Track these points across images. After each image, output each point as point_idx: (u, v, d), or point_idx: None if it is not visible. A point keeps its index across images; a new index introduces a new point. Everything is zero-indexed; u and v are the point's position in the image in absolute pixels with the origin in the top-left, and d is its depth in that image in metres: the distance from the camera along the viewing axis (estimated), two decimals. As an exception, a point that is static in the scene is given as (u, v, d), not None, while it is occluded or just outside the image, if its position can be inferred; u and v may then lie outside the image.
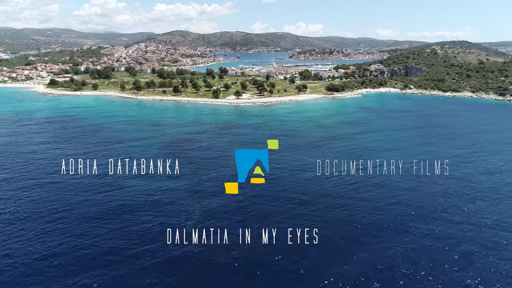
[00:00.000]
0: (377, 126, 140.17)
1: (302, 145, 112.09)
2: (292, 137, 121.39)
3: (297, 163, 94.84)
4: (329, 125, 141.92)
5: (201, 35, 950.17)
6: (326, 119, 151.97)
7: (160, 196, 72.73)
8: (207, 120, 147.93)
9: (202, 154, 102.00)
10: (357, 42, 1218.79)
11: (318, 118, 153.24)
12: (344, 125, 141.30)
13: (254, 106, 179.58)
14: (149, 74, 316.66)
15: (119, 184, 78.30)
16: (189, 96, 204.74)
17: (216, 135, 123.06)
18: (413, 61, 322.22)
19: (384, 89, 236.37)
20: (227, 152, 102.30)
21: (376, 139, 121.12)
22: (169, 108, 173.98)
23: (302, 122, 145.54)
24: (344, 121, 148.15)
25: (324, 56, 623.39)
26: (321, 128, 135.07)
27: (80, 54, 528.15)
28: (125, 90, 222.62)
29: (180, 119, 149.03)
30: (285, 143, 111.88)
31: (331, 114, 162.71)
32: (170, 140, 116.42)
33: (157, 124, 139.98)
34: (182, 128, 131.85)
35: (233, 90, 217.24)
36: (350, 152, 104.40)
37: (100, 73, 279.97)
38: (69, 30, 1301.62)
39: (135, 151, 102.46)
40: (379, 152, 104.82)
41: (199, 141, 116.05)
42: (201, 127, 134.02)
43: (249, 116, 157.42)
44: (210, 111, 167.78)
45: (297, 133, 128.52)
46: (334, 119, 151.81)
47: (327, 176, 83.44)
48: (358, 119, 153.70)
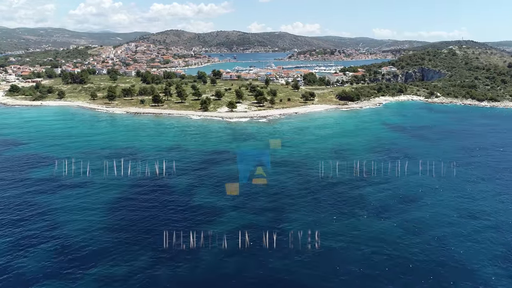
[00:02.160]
0: (417, 155, 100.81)
1: (323, 199, 73.04)
2: (306, 181, 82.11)
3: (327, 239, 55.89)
4: (352, 153, 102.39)
5: (197, 35, 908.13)
6: (345, 144, 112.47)
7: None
8: (189, 146, 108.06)
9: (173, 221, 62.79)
10: (355, 42, 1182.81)
11: (334, 143, 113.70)
12: (372, 154, 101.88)
13: (252, 123, 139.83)
14: (133, 77, 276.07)
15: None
16: (173, 108, 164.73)
17: (196, 180, 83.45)
18: (429, 63, 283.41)
19: (404, 97, 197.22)
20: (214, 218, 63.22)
21: (426, 183, 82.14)
22: (143, 126, 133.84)
23: (315, 149, 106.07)
24: (370, 148, 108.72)
25: (325, 56, 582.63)
26: (344, 162, 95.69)
27: (65, 55, 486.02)
28: (96, 99, 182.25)
29: (152, 145, 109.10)
30: (297, 190, 73.16)
31: (350, 135, 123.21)
32: (123, 196, 76.78)
33: (119, 154, 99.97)
34: (150, 165, 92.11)
35: (227, 99, 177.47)
36: (401, 221, 65.70)
37: (75, 77, 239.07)
38: (62, 30, 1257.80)
39: (58, 225, 63.43)
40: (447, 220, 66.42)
41: (171, 193, 76.63)
42: (178, 163, 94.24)
43: (245, 138, 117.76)
44: (195, 130, 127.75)
45: (311, 169, 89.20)
46: (356, 144, 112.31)
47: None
48: (387, 143, 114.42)
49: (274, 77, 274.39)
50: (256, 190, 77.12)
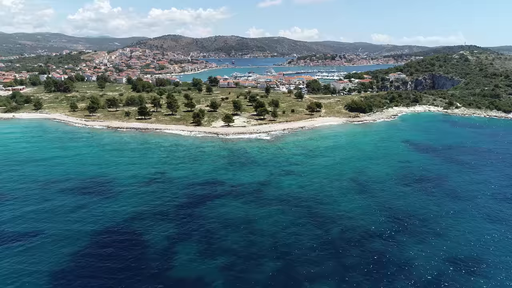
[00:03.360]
0: (461, 190, 79.78)
1: (352, 265, 51.66)
2: (325, 231, 60.79)
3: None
4: (377, 186, 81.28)
5: (195, 40, 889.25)
6: (366, 171, 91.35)
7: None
8: (174, 175, 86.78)
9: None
10: (354, 47, 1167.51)
11: (353, 169, 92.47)
12: (403, 188, 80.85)
13: (252, 141, 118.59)
14: (123, 85, 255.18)
15: None
16: (161, 121, 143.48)
17: (178, 231, 61.99)
18: (440, 69, 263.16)
19: (420, 107, 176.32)
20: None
21: (493, 238, 60.75)
22: (124, 146, 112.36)
23: (330, 179, 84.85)
24: (398, 177, 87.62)
25: (326, 62, 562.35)
26: (369, 199, 74.57)
27: (57, 60, 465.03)
28: (76, 111, 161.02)
29: (130, 174, 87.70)
30: (314, 248, 51.97)
31: (370, 158, 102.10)
32: (76, 259, 55.42)
33: (85, 187, 78.63)
34: (121, 205, 70.74)
35: (223, 110, 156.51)
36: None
37: (59, 85, 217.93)
38: (59, 35, 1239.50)
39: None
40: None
41: (144, 254, 55.24)
42: (158, 202, 72.99)
43: (244, 163, 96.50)
44: (184, 152, 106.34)
45: (328, 210, 67.93)
46: (379, 171, 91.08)
47: None
48: (417, 169, 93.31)
49: (274, 85, 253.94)
50: (257, 249, 55.93)
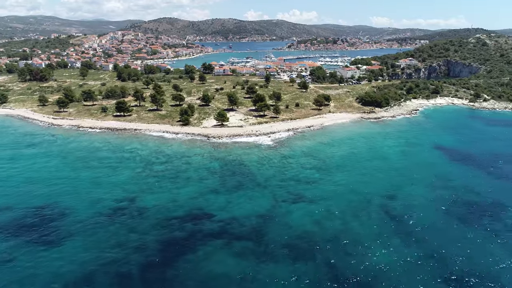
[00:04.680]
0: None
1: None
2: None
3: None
4: (414, 215, 59.66)
5: (191, 23, 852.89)
6: (397, 192, 69.34)
7: None
8: (148, 203, 64.38)
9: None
10: (355, 30, 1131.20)
11: (380, 190, 70.59)
12: (449, 219, 59.23)
13: (250, 146, 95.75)
14: (109, 72, 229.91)
15: None
16: (143, 119, 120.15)
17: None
18: (456, 55, 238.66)
19: (442, 99, 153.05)
20: None
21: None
22: (90, 156, 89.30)
23: (354, 207, 62.97)
24: (438, 201, 65.77)
25: (328, 46, 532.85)
26: (408, 242, 52.73)
27: (44, 44, 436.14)
28: (46, 106, 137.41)
29: (90, 201, 65.31)
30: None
31: (398, 172, 79.78)
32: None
33: (21, 226, 56.60)
34: (66, 261, 48.68)
35: (217, 104, 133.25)
36: None
37: (34, 73, 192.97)
38: (52, 18, 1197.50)
39: None
40: None
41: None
42: (119, 250, 51.07)
43: (241, 182, 73.88)
44: (165, 164, 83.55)
45: (358, 262, 46.02)
46: (414, 193, 69.01)
47: None
48: (461, 189, 71.32)
49: (275, 72, 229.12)
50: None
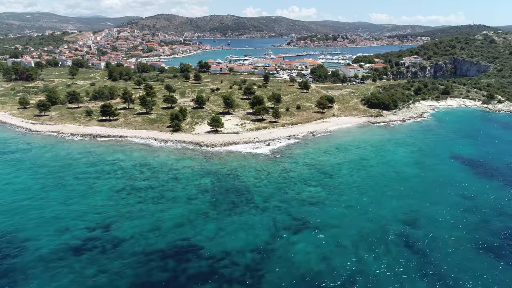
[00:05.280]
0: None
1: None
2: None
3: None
4: (439, 246, 49.65)
5: (189, 19, 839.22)
6: (415, 213, 59.34)
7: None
8: (126, 232, 53.98)
9: None
10: (354, 26, 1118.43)
11: (395, 210, 60.45)
12: (481, 253, 49.18)
13: (246, 157, 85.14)
14: (101, 71, 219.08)
15: None
16: (130, 124, 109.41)
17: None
18: (462, 52, 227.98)
19: (453, 101, 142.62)
20: None
21: None
22: (67, 169, 78.72)
23: (365, 236, 52.84)
24: (465, 226, 55.79)
25: (328, 42, 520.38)
26: (439, 285, 42.74)
27: (38, 41, 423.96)
28: (28, 108, 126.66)
29: (56, 228, 55.06)
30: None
31: (413, 187, 69.73)
32: None
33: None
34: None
35: (212, 106, 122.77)
36: None
37: (20, 72, 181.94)
38: (50, 14, 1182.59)
39: None
40: None
41: None
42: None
43: (234, 203, 63.42)
44: (149, 180, 72.74)
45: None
46: (433, 213, 59.07)
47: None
48: (486, 207, 61.45)
49: (274, 70, 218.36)
50: None
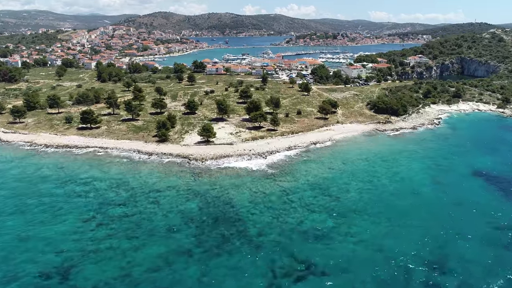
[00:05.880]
0: None
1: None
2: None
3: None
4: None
5: (187, 17, 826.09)
6: (443, 249, 48.52)
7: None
8: (83, 283, 43.10)
9: None
10: (354, 24, 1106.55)
11: (417, 245, 49.57)
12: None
13: (240, 174, 73.72)
14: (91, 71, 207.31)
15: None
16: (112, 134, 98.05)
17: None
18: (470, 51, 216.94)
19: (465, 105, 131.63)
20: None
21: None
22: (31, 190, 67.37)
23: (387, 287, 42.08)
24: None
25: (327, 41, 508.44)
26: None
27: (31, 40, 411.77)
28: (3, 114, 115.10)
29: (4, 273, 44.27)
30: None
31: (433, 213, 58.91)
32: None
33: None
34: None
35: (204, 111, 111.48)
36: None
37: (3, 73, 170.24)
38: (47, 12, 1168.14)
39: None
40: None
41: None
42: None
43: (223, 237, 52.21)
44: (126, 206, 61.56)
45: None
46: (466, 251, 48.27)
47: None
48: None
49: (272, 70, 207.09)
50: None
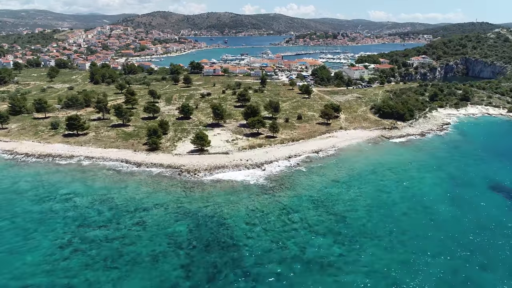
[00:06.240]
0: None
1: None
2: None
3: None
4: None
5: (185, 17, 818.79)
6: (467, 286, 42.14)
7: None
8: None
9: None
10: (353, 24, 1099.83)
11: (437, 281, 43.10)
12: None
13: (236, 189, 67.24)
14: (85, 72, 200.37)
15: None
16: (100, 141, 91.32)
17: None
18: (475, 52, 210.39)
19: (474, 108, 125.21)
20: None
21: None
22: (7, 204, 60.90)
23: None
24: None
25: (327, 41, 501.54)
26: None
27: (27, 40, 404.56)
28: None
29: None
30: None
31: (453, 238, 52.44)
32: None
33: None
34: None
35: (199, 116, 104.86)
36: None
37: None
38: (45, 12, 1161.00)
39: None
40: None
41: None
42: None
43: (217, 261, 45.55)
44: (107, 228, 55.11)
45: None
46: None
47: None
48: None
49: (272, 71, 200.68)
50: None
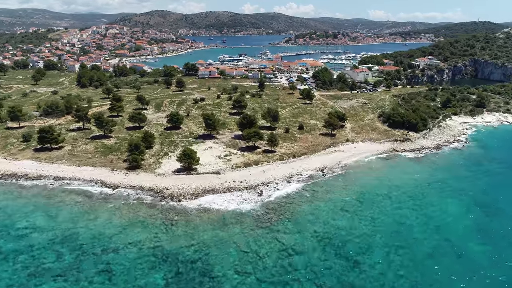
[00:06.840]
0: None
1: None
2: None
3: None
4: None
5: (184, 16, 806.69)
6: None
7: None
8: None
9: None
10: (353, 23, 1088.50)
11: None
12: None
13: (227, 221, 56.23)
14: (73, 74, 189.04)
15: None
16: (75, 157, 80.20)
17: None
18: (484, 53, 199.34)
19: (491, 116, 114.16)
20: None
21: None
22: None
23: None
24: None
25: (328, 40, 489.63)
26: None
27: (20, 39, 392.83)
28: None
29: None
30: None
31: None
32: None
33: None
34: None
35: (190, 125, 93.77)
36: None
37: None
38: (43, 11, 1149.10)
39: None
40: None
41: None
42: None
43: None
44: (64, 272, 43.99)
45: None
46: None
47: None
48: None
49: (270, 73, 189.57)
50: None
